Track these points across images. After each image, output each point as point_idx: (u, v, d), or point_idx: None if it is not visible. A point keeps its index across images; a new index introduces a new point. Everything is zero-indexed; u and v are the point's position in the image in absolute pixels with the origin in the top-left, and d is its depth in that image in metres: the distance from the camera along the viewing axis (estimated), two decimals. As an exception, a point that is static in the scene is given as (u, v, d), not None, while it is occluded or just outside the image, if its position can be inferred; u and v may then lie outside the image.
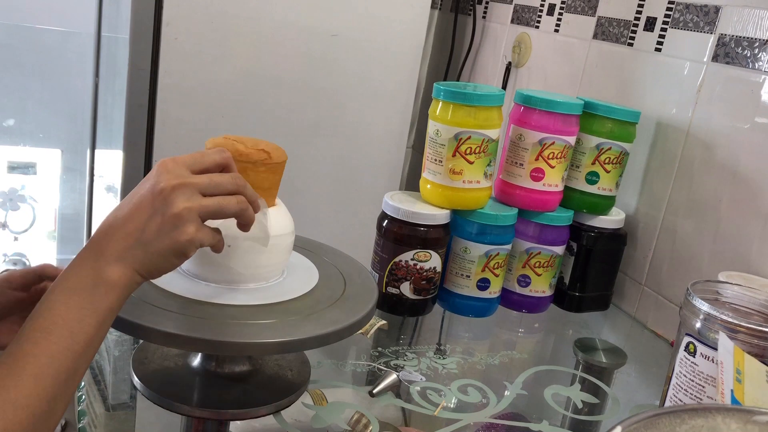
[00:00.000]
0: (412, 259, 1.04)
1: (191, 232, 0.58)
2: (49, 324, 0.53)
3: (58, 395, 0.53)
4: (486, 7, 1.74)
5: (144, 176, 0.61)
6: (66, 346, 0.53)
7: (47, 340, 0.53)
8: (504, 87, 1.61)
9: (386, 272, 1.06)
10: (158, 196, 0.58)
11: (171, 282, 0.74)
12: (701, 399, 0.74)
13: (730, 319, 0.72)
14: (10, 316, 0.71)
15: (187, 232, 0.58)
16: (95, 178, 1.94)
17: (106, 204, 1.94)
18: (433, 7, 1.79)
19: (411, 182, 1.86)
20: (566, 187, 1.15)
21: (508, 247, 1.10)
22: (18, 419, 0.50)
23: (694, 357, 0.75)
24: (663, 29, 1.19)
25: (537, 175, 1.10)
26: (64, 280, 0.56)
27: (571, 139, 1.10)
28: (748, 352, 0.70)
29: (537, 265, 1.12)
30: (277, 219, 0.77)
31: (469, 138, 1.03)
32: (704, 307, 0.74)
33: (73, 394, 0.55)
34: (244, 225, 0.66)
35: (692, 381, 0.75)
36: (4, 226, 2.20)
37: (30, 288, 0.72)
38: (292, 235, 0.79)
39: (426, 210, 1.05)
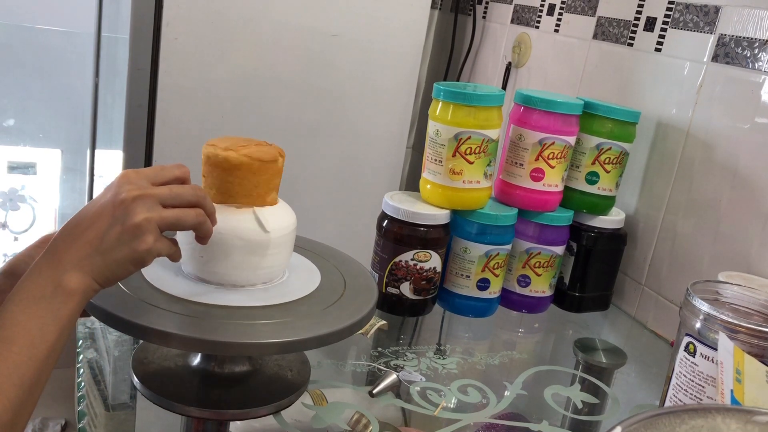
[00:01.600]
0: (412, 259, 1.04)
1: (150, 242, 0.60)
2: (10, 334, 0.54)
3: (22, 404, 0.53)
4: (486, 7, 1.74)
5: None
6: (28, 356, 0.54)
7: (9, 350, 0.53)
8: (504, 87, 1.61)
9: (386, 272, 1.06)
10: (119, 207, 0.59)
11: (172, 283, 0.74)
12: (701, 399, 0.74)
13: (730, 320, 0.72)
14: None
15: (146, 242, 0.59)
16: (95, 178, 1.94)
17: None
18: (433, 7, 1.79)
19: (411, 182, 1.86)
20: (566, 187, 1.15)
21: (508, 247, 1.10)
22: None
23: (694, 357, 0.75)
24: (663, 29, 1.19)
25: (537, 175, 1.10)
26: (23, 290, 0.56)
27: (571, 139, 1.10)
28: (748, 353, 0.70)
29: (537, 265, 1.12)
30: (278, 218, 0.77)
31: (469, 138, 1.03)
32: (704, 307, 0.74)
33: (36, 402, 0.55)
34: (202, 238, 0.67)
35: (692, 381, 0.75)
36: (4, 226, 2.21)
37: None
38: (293, 233, 0.79)
39: (426, 210, 1.05)
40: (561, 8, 1.45)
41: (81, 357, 0.91)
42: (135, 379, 0.77)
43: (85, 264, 0.58)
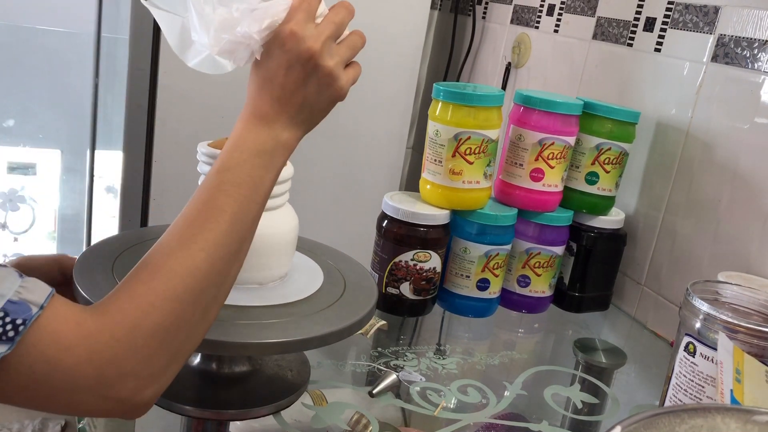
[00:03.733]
0: (411, 260, 1.04)
1: (344, 83, 0.66)
2: (238, 179, 0.62)
3: (246, 239, 0.63)
4: (486, 8, 1.74)
5: (143, 177, 0.63)
6: (252, 198, 0.63)
7: (238, 192, 0.62)
8: (504, 87, 1.61)
9: (386, 272, 1.06)
10: (308, 62, 0.63)
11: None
12: (701, 399, 0.74)
13: (729, 319, 0.72)
14: None
15: (342, 85, 0.66)
16: (95, 178, 1.94)
17: (106, 205, 1.94)
18: (433, 7, 1.79)
19: (411, 183, 1.86)
20: (566, 188, 1.15)
21: (508, 247, 1.10)
22: (220, 254, 0.60)
23: (693, 357, 0.75)
24: (662, 29, 1.19)
25: (537, 175, 1.10)
26: (242, 145, 0.63)
27: (571, 140, 1.10)
28: (748, 352, 0.70)
29: (537, 265, 1.13)
30: (280, 219, 0.77)
31: (469, 138, 1.03)
32: (704, 307, 0.74)
33: (250, 244, 0.64)
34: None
35: (692, 381, 0.75)
36: (3, 226, 2.21)
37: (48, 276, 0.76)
38: (296, 234, 0.80)
39: (426, 210, 1.05)
40: (561, 8, 1.45)
41: (81, 357, 0.90)
42: (135, 379, 0.76)
43: (296, 121, 0.65)
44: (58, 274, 0.77)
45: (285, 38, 0.63)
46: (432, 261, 1.05)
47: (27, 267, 0.76)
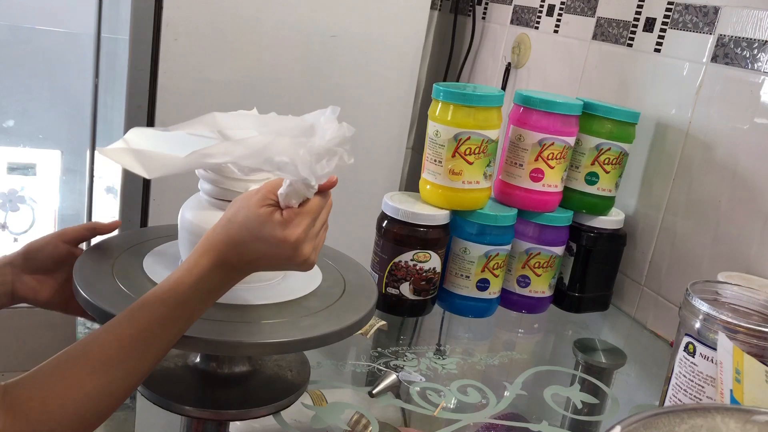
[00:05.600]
0: (411, 260, 1.04)
1: (312, 262, 0.68)
2: (184, 314, 0.64)
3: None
4: (485, 8, 1.74)
5: (143, 177, 0.63)
6: (184, 329, 0.65)
7: (176, 326, 0.64)
8: (503, 88, 1.61)
9: (386, 273, 1.06)
10: (297, 256, 0.66)
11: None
12: (700, 399, 0.74)
13: (729, 320, 0.72)
14: (57, 272, 0.81)
15: (310, 265, 0.68)
16: (95, 179, 1.94)
17: (106, 205, 1.94)
18: (432, 8, 1.79)
19: (411, 183, 1.86)
20: (566, 188, 1.15)
21: (508, 247, 1.10)
22: (138, 381, 0.63)
23: (693, 357, 0.75)
24: (662, 30, 1.19)
25: (536, 175, 1.10)
26: (201, 285, 0.64)
27: (571, 140, 1.10)
28: (748, 352, 0.70)
29: (536, 265, 1.13)
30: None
31: (469, 138, 1.03)
32: (704, 307, 0.74)
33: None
34: None
35: (692, 381, 0.75)
36: (3, 227, 2.20)
37: (80, 243, 0.82)
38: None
39: (425, 210, 1.05)
40: (560, 9, 1.46)
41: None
42: (135, 379, 0.76)
43: (254, 271, 0.68)
44: (63, 249, 0.81)
45: (283, 238, 0.64)
46: (432, 261, 1.05)
47: (33, 250, 0.80)
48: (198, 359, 0.80)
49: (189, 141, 0.68)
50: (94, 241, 0.84)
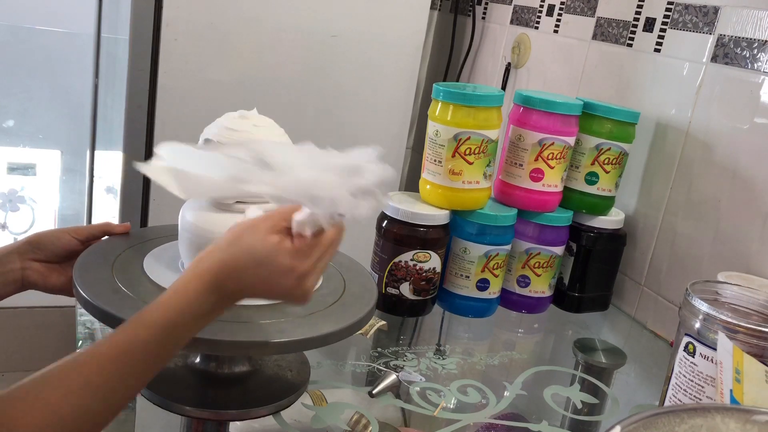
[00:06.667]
0: (411, 260, 1.04)
1: (310, 295, 0.66)
2: (173, 340, 0.61)
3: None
4: (485, 8, 1.74)
5: (143, 177, 0.63)
6: (173, 352, 0.62)
7: (165, 351, 0.61)
8: (503, 88, 1.61)
9: (386, 273, 1.06)
10: (298, 287, 0.64)
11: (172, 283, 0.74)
12: (700, 399, 0.74)
13: (729, 320, 0.72)
14: (65, 264, 0.82)
15: (307, 298, 0.66)
16: (95, 179, 1.94)
17: (106, 205, 1.94)
18: (432, 8, 1.79)
19: (411, 183, 1.86)
20: (566, 188, 1.15)
21: (508, 247, 1.10)
22: (123, 403, 0.61)
23: (693, 357, 0.75)
24: (662, 30, 1.19)
25: (536, 175, 1.10)
26: (197, 311, 0.62)
27: (571, 140, 1.10)
28: (748, 352, 0.70)
29: (536, 265, 1.13)
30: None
31: (469, 138, 1.03)
32: (703, 307, 0.74)
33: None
34: None
35: (691, 381, 0.75)
36: (3, 227, 2.20)
37: (92, 242, 0.83)
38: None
39: (425, 210, 1.05)
40: (560, 9, 1.46)
41: (81, 357, 0.90)
42: (135, 379, 0.76)
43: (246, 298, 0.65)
44: (75, 244, 0.82)
45: (290, 267, 0.63)
46: (432, 261, 1.05)
47: (44, 240, 0.81)
48: (198, 359, 0.80)
49: (226, 164, 0.64)
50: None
